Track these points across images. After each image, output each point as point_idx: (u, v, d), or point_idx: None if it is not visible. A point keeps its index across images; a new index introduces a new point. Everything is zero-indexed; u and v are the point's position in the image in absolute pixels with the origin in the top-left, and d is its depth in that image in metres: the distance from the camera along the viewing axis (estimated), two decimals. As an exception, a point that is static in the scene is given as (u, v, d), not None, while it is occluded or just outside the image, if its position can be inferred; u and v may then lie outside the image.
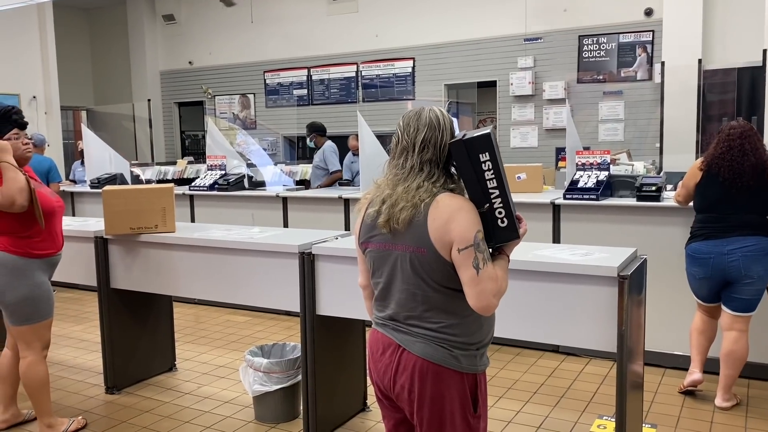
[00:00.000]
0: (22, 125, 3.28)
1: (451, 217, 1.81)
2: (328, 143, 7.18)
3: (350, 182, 7.29)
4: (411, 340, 1.91)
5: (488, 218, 1.87)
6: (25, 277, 3.15)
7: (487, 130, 1.86)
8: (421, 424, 1.93)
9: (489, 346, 2.04)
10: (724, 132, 3.54)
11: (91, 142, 7.27)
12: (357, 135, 5.97)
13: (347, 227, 5.42)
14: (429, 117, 1.89)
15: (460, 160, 1.87)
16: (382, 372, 1.99)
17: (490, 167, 1.84)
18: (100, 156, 7.19)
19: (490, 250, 1.92)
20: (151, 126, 11.35)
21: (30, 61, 9.73)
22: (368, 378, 3.75)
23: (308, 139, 7.42)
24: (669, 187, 4.49)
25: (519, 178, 5.18)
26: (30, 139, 3.36)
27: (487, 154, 1.83)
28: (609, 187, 4.59)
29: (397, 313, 1.94)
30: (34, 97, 9.80)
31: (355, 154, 6.92)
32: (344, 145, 7.43)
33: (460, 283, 1.84)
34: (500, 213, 1.87)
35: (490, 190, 1.85)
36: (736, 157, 3.44)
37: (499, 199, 1.86)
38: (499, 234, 1.90)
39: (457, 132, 1.92)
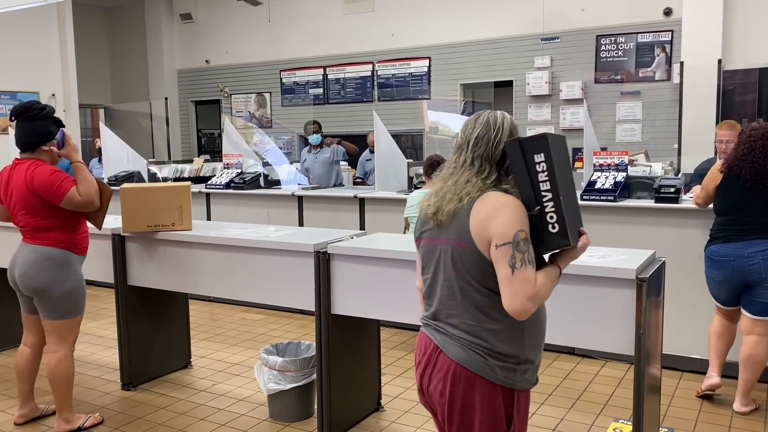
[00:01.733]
0: (62, 125, 3.41)
1: (494, 213, 1.77)
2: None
3: (363, 180, 7.29)
4: (448, 341, 1.87)
5: (538, 222, 1.80)
6: (70, 271, 3.28)
7: (546, 132, 1.82)
8: (451, 431, 1.90)
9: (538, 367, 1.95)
10: (746, 133, 3.50)
11: (108, 140, 7.33)
12: (375, 132, 5.96)
13: (362, 226, 5.42)
14: (487, 117, 1.90)
15: (515, 159, 1.83)
16: (420, 373, 1.96)
17: (545, 169, 1.79)
18: (117, 154, 7.24)
19: (545, 257, 1.87)
20: (168, 124, 11.41)
21: (49, 60, 9.82)
22: (381, 378, 3.74)
23: (317, 136, 7.34)
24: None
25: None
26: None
27: (542, 155, 1.78)
28: (627, 188, 4.55)
29: (438, 311, 1.91)
30: (53, 95, 9.89)
31: (372, 151, 6.93)
32: (362, 143, 7.44)
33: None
34: (552, 218, 1.79)
35: (543, 193, 1.79)
36: (758, 159, 3.40)
37: (552, 203, 1.79)
38: (548, 239, 1.81)
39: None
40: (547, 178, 1.79)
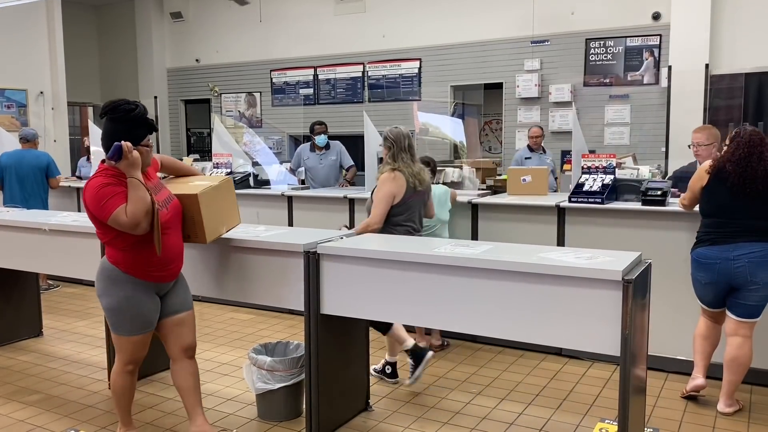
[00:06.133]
0: (154, 128, 3.03)
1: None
2: (337, 142, 7.09)
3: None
4: None
5: None
6: (116, 288, 2.98)
7: None
8: None
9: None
10: (746, 137, 3.50)
11: (97, 138, 7.28)
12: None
13: (353, 226, 5.42)
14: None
15: None
16: None
17: None
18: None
19: None
20: (157, 123, 11.36)
21: (38, 57, 9.77)
22: (370, 378, 3.75)
23: (324, 137, 6.84)
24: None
25: (524, 180, 5.18)
26: (150, 143, 3.02)
27: None
28: (614, 190, 4.59)
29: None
30: (42, 92, 9.84)
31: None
32: (352, 144, 7.40)
33: None
34: None
35: None
36: (753, 163, 3.43)
37: None
38: None
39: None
40: None
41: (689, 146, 4.59)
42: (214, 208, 3.21)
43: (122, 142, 2.81)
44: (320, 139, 6.81)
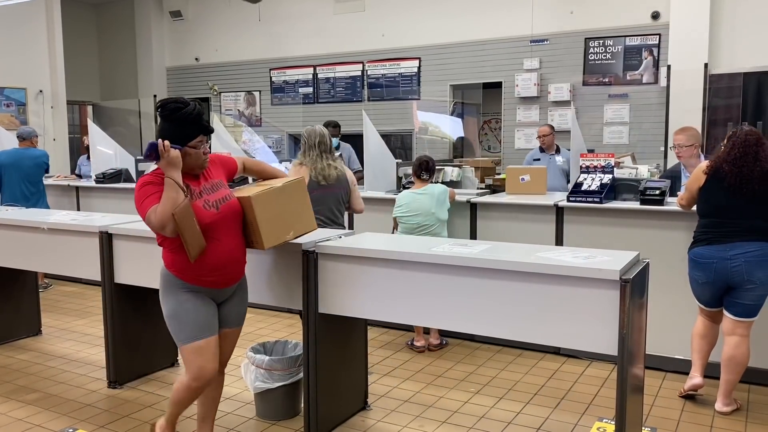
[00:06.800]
0: (209, 131, 2.87)
1: None
2: (347, 144, 7.04)
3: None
4: None
5: None
6: (171, 293, 2.84)
7: None
8: None
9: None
10: (741, 137, 3.50)
11: (97, 137, 7.30)
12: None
13: (351, 226, 5.43)
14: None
15: None
16: None
17: None
18: (105, 151, 7.22)
19: None
20: (156, 122, 11.36)
21: (37, 56, 9.77)
22: (368, 377, 3.76)
23: (335, 139, 6.57)
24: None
25: (523, 179, 5.19)
26: (208, 149, 2.88)
27: None
28: (613, 190, 4.59)
29: None
30: (41, 91, 9.84)
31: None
32: (351, 143, 7.39)
33: None
34: None
35: None
36: (749, 163, 3.43)
37: None
38: None
39: None
40: None
41: (671, 148, 4.60)
42: (274, 211, 3.00)
43: (158, 140, 2.71)
44: (333, 142, 6.69)
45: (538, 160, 6.70)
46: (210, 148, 2.92)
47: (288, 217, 3.10)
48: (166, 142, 2.71)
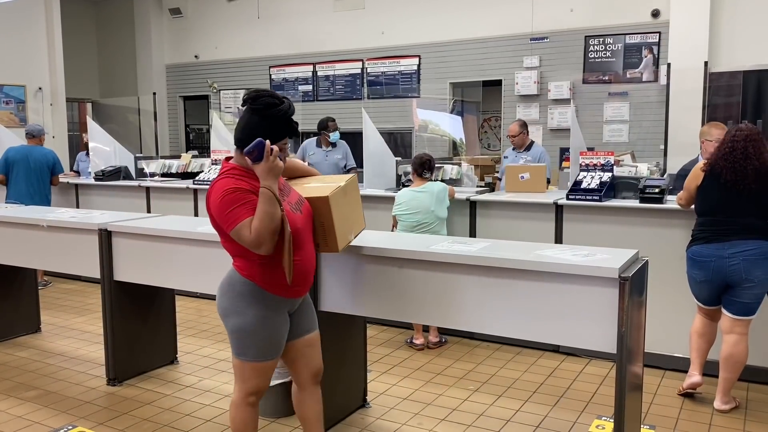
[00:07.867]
0: (296, 133, 2.59)
1: None
2: (343, 141, 6.98)
3: None
4: None
5: None
6: (250, 306, 2.56)
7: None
8: None
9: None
10: (729, 134, 3.54)
11: (96, 134, 7.30)
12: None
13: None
14: None
15: None
16: None
17: None
18: (104, 148, 7.21)
19: None
20: (156, 119, 11.37)
21: (36, 53, 9.75)
22: (367, 375, 3.76)
23: (336, 133, 6.67)
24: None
25: (522, 177, 5.19)
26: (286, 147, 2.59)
27: None
28: (612, 188, 4.59)
29: None
30: (40, 88, 9.83)
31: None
32: (351, 141, 7.37)
33: None
34: None
35: None
36: (739, 160, 3.44)
37: None
38: None
39: None
40: None
41: (706, 141, 4.41)
42: (343, 211, 2.82)
43: (267, 141, 2.40)
44: (334, 135, 6.66)
45: (506, 158, 6.41)
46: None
47: (350, 216, 2.93)
48: (276, 148, 2.43)
